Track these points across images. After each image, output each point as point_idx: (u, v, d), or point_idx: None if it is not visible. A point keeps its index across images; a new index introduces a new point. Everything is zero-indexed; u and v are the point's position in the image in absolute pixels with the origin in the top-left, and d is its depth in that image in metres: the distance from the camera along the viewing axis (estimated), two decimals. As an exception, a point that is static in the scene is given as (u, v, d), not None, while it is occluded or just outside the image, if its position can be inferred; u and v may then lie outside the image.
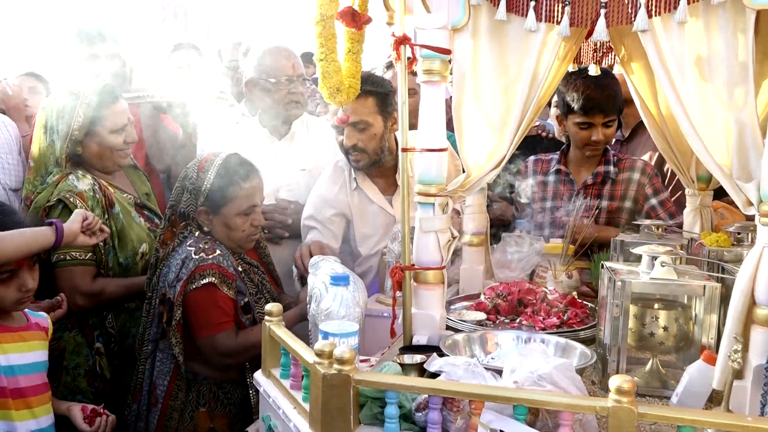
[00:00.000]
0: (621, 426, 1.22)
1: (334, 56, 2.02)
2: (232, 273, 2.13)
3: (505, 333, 1.86)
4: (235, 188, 2.18)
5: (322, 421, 1.40)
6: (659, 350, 1.73)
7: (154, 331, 2.20)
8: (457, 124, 1.83)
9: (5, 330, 1.88)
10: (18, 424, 1.84)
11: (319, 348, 1.40)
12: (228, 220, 2.18)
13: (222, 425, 2.18)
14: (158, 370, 2.19)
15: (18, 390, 1.85)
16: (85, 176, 2.35)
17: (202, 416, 2.17)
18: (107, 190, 2.39)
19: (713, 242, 1.92)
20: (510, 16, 1.72)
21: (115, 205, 2.38)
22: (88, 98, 2.38)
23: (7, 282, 1.85)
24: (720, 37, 1.58)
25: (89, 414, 2.00)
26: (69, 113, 2.36)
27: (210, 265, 2.07)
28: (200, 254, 2.08)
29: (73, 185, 2.30)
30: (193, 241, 2.15)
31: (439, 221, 1.83)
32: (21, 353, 1.89)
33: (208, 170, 2.19)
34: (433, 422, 1.36)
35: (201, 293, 2.07)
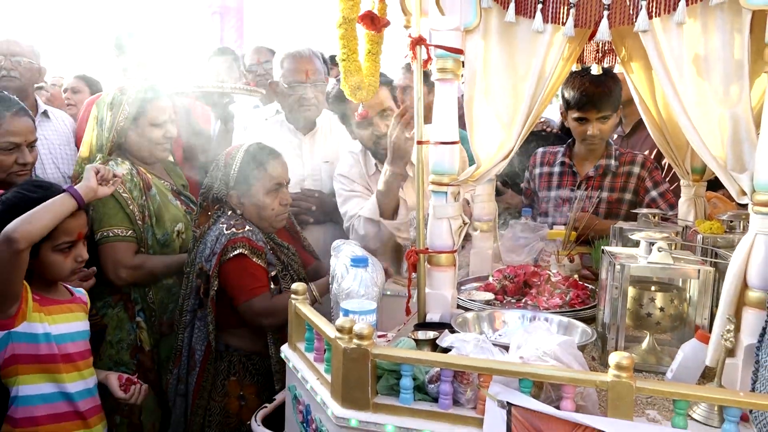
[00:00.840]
0: (620, 399, 1.20)
1: (356, 56, 2.00)
2: (261, 246, 2.12)
3: (511, 312, 1.83)
4: (260, 170, 2.18)
5: (342, 391, 1.39)
6: (655, 329, 1.70)
7: (192, 302, 2.20)
8: (469, 119, 1.80)
9: (55, 303, 1.88)
10: (69, 384, 1.85)
11: (340, 324, 1.39)
12: (257, 200, 2.17)
13: (250, 393, 2.18)
14: (196, 337, 2.18)
15: (67, 355, 1.86)
16: (124, 162, 2.36)
17: (233, 385, 2.17)
18: (145, 175, 2.39)
19: (707, 229, 1.87)
20: (518, 18, 1.68)
21: (152, 188, 2.38)
22: (134, 94, 2.39)
23: (67, 253, 1.85)
24: (717, 36, 1.53)
25: (124, 382, 2.00)
26: (117, 107, 2.37)
27: (240, 238, 2.06)
28: (231, 229, 2.08)
29: (112, 169, 2.28)
30: (225, 219, 2.15)
31: (451, 208, 1.81)
32: (69, 323, 1.90)
33: (234, 158, 2.20)
34: (445, 393, 1.35)
35: (234, 263, 2.06)
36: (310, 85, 2.85)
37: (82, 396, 1.89)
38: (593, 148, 2.77)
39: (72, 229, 1.85)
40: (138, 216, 2.30)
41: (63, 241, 1.83)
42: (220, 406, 2.15)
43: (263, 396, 2.16)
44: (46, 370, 1.82)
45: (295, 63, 2.85)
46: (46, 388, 1.82)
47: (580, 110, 2.66)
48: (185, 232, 2.45)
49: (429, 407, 1.36)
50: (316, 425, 1.50)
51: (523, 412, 1.25)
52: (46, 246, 1.81)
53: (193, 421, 2.16)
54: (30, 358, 1.80)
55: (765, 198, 1.43)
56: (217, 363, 2.18)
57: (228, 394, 2.15)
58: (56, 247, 1.83)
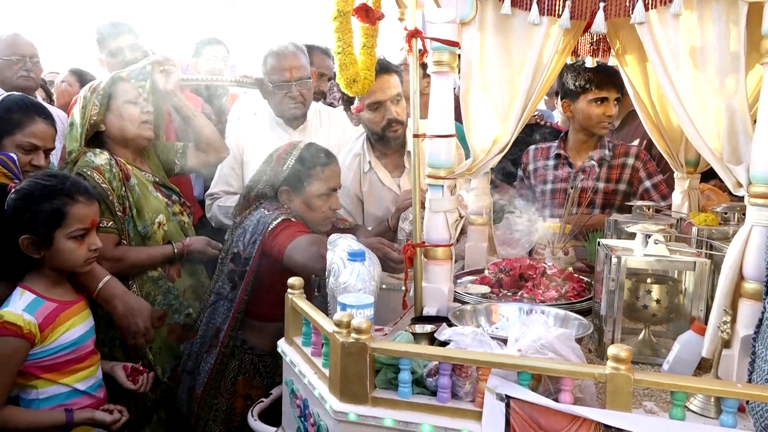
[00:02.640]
0: (618, 391, 1.20)
1: (351, 50, 1.98)
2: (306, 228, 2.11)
3: (508, 305, 1.83)
4: (318, 171, 2.17)
5: (340, 385, 1.38)
6: (651, 321, 1.70)
7: (220, 285, 2.19)
8: (465, 112, 1.79)
9: (69, 305, 1.87)
10: (79, 384, 1.85)
11: (337, 318, 1.38)
12: (309, 201, 2.16)
13: (257, 394, 2.15)
14: (222, 318, 2.17)
15: (82, 356, 1.87)
16: (102, 152, 2.31)
17: (241, 384, 2.17)
18: (124, 165, 2.34)
19: (702, 221, 1.88)
20: (514, 10, 1.67)
21: (131, 178, 2.34)
22: (101, 89, 2.36)
23: (81, 241, 1.84)
24: (713, 28, 1.53)
25: (131, 372, 1.99)
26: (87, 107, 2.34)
27: (283, 219, 2.07)
28: (274, 212, 2.08)
29: (90, 160, 2.26)
30: (267, 205, 2.15)
31: (447, 202, 1.80)
32: (83, 323, 1.89)
33: (288, 157, 2.19)
34: (443, 387, 1.34)
35: (278, 227, 2.05)
36: (295, 84, 2.79)
37: (95, 388, 1.91)
38: (604, 132, 2.78)
39: (85, 217, 1.84)
40: (118, 207, 2.25)
41: (76, 228, 1.82)
42: (227, 404, 2.15)
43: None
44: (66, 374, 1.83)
45: (279, 61, 2.79)
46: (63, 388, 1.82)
47: (601, 89, 2.67)
48: (167, 224, 2.40)
49: (427, 401, 1.35)
50: (314, 419, 1.50)
51: (521, 404, 1.25)
52: (60, 233, 1.80)
53: (199, 415, 2.16)
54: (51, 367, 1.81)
55: (761, 190, 1.44)
56: (229, 361, 2.17)
57: (235, 393, 2.15)
58: (70, 235, 1.81)
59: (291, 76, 2.78)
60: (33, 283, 1.83)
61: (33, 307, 1.78)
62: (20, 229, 1.78)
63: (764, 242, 1.42)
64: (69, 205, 1.81)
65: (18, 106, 2.13)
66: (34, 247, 1.79)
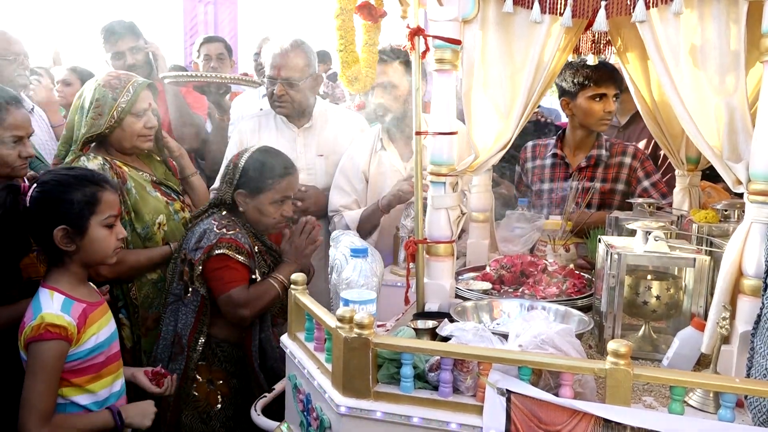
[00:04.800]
0: (618, 386, 1.21)
1: (353, 47, 1.99)
2: (248, 249, 2.15)
3: (509, 301, 1.84)
4: (273, 180, 2.20)
5: (343, 380, 1.40)
6: (651, 317, 1.71)
7: (175, 285, 2.23)
8: (467, 110, 1.80)
9: (95, 306, 1.82)
10: (103, 392, 1.81)
11: (340, 314, 1.39)
12: (261, 207, 2.20)
13: (218, 379, 2.20)
14: (182, 324, 2.20)
15: (108, 359, 1.83)
16: (96, 157, 2.30)
17: (202, 369, 2.19)
18: (119, 168, 2.33)
19: (702, 219, 1.88)
20: (516, 8, 1.68)
21: (128, 181, 2.33)
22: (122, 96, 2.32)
23: (110, 230, 1.82)
24: (713, 26, 1.54)
25: (154, 377, 1.98)
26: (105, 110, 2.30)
27: (228, 239, 2.11)
28: (222, 229, 2.13)
29: (84, 165, 2.25)
30: (218, 217, 2.19)
31: (449, 199, 1.81)
32: (108, 325, 1.85)
33: (240, 159, 2.22)
34: (445, 382, 1.35)
35: (217, 260, 2.10)
36: (282, 83, 2.78)
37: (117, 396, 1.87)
38: (603, 128, 2.79)
39: (114, 203, 1.83)
40: None
41: (109, 215, 1.80)
42: (188, 390, 2.18)
43: (231, 383, 2.20)
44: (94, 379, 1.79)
45: (273, 58, 2.80)
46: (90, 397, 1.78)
47: (600, 86, 2.68)
48: (167, 224, 2.40)
49: (429, 395, 1.36)
50: (317, 414, 1.51)
51: (522, 399, 1.26)
52: (95, 221, 1.77)
53: (167, 401, 2.17)
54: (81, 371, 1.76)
55: (760, 187, 1.45)
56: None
57: (197, 378, 2.17)
58: (103, 222, 1.78)
59: (278, 74, 2.77)
60: (59, 283, 1.76)
61: (67, 308, 1.72)
62: (51, 221, 1.72)
63: (763, 239, 1.43)
64: (100, 191, 1.78)
65: None
66: (68, 238, 1.74)
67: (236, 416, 2.21)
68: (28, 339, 1.68)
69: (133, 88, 2.33)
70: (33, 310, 1.72)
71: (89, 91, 2.35)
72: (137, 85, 2.36)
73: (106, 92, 2.31)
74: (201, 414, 2.18)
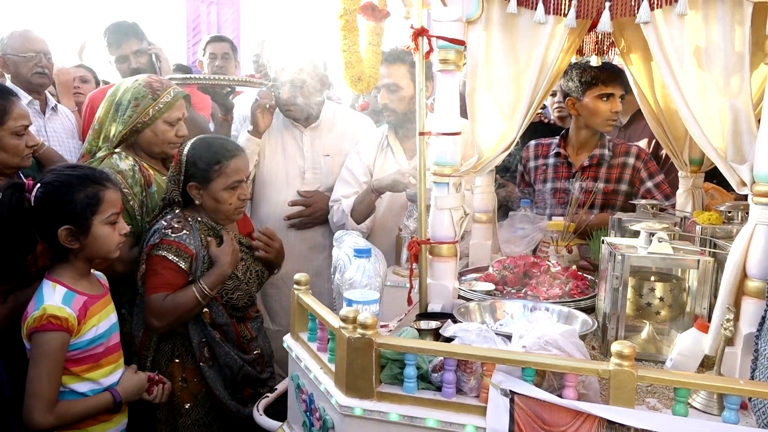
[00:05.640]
0: (621, 387, 1.21)
1: (356, 48, 1.99)
2: (192, 251, 2.10)
3: (512, 302, 1.84)
4: (221, 165, 2.15)
5: (346, 380, 1.40)
6: (655, 319, 1.71)
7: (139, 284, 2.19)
8: (471, 111, 1.80)
9: (97, 298, 1.87)
10: (103, 380, 1.86)
11: (344, 314, 1.40)
12: (216, 194, 2.16)
13: (191, 377, 2.17)
14: (135, 323, 2.20)
15: (108, 350, 1.87)
16: (127, 157, 2.35)
17: (176, 367, 2.16)
18: (147, 171, 2.38)
19: (705, 220, 1.88)
20: (520, 9, 1.68)
21: (153, 185, 2.37)
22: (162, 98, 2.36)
23: (113, 226, 1.86)
24: (717, 28, 1.53)
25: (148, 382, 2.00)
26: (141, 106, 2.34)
27: (171, 241, 2.08)
28: (168, 230, 2.10)
29: (116, 164, 2.30)
30: (171, 216, 2.16)
31: (452, 199, 1.81)
32: (108, 317, 1.90)
33: (182, 153, 2.18)
34: (448, 382, 1.35)
35: (154, 260, 2.08)
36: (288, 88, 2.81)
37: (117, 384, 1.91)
38: (610, 129, 2.79)
39: (116, 201, 1.87)
40: (137, 211, 2.30)
41: (111, 213, 1.84)
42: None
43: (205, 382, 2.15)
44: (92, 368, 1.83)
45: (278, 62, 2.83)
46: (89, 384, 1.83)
47: (607, 86, 2.67)
48: None
49: (432, 396, 1.37)
50: (320, 414, 1.51)
51: (525, 400, 1.26)
52: (98, 219, 1.81)
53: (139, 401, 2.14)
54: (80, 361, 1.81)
55: (764, 189, 1.44)
56: (162, 344, 2.18)
57: (171, 376, 2.14)
58: (106, 220, 1.82)
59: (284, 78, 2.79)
60: (62, 276, 1.82)
61: (68, 300, 1.78)
62: (55, 221, 1.77)
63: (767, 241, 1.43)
64: (102, 190, 1.82)
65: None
66: (72, 237, 1.79)
67: (212, 414, 2.18)
68: (31, 329, 1.73)
69: (172, 93, 2.40)
70: (36, 301, 1.77)
71: (127, 90, 2.39)
72: (177, 92, 2.42)
73: (146, 92, 2.36)
74: (171, 410, 2.17)
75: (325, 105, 2.98)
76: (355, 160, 2.85)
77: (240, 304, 2.20)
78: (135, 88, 2.37)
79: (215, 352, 2.13)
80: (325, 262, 2.90)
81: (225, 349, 2.12)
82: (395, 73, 2.66)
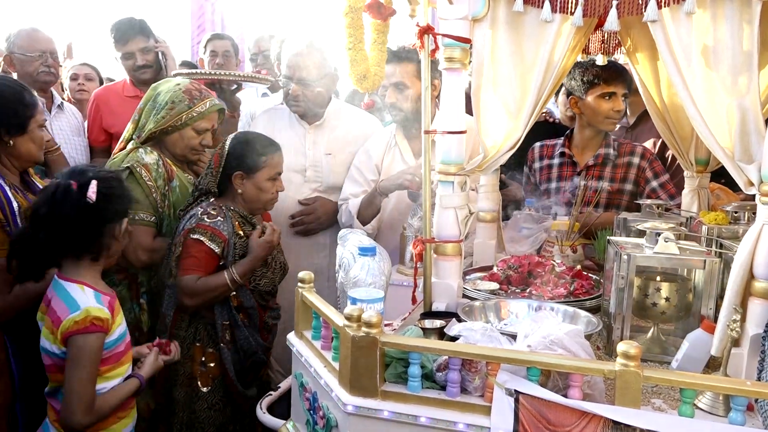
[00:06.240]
0: (627, 388, 1.21)
1: (362, 46, 1.98)
2: (225, 236, 2.19)
3: (517, 301, 1.83)
4: (266, 156, 2.27)
5: (350, 378, 1.39)
6: (660, 319, 1.70)
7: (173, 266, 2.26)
8: (476, 109, 1.79)
9: (115, 298, 1.88)
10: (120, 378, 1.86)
11: (348, 312, 1.39)
12: (260, 184, 2.27)
13: (210, 361, 2.22)
14: (167, 303, 2.26)
15: (127, 348, 1.88)
16: (152, 152, 2.41)
17: (197, 350, 2.22)
18: (170, 166, 2.44)
19: (712, 220, 1.87)
20: (527, 7, 1.68)
21: (174, 179, 2.44)
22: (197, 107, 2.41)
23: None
24: (726, 27, 1.52)
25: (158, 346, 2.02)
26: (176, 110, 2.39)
27: (206, 226, 2.17)
28: (204, 216, 2.19)
29: (141, 157, 2.37)
30: (206, 204, 2.25)
31: (458, 198, 1.80)
32: (122, 314, 1.90)
33: (224, 147, 2.27)
34: (453, 381, 1.35)
35: (190, 243, 2.17)
36: (297, 82, 2.79)
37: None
38: (612, 127, 2.79)
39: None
40: (160, 204, 2.37)
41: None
42: (184, 369, 2.21)
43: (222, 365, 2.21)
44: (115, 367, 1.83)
45: (287, 57, 2.82)
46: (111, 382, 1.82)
47: (609, 84, 2.67)
48: None
49: (437, 395, 1.36)
50: (324, 412, 1.51)
51: (530, 400, 1.25)
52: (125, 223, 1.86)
53: (157, 380, 2.21)
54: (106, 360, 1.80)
55: (773, 189, 1.43)
56: (188, 329, 2.24)
57: (192, 359, 2.21)
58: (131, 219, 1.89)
59: (293, 74, 2.79)
60: (83, 277, 1.80)
61: (100, 301, 1.78)
62: (114, 216, 1.81)
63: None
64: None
65: (22, 87, 2.12)
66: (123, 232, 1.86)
67: (225, 400, 2.23)
68: (71, 332, 1.71)
69: (208, 105, 2.45)
70: (67, 303, 1.75)
71: (167, 91, 2.43)
72: (212, 104, 2.48)
73: (184, 98, 2.41)
74: (190, 393, 2.22)
75: (331, 103, 2.96)
76: (363, 158, 2.84)
77: (266, 290, 2.28)
78: (174, 92, 2.42)
79: (235, 334, 2.20)
80: (326, 260, 2.90)
81: (245, 333, 2.21)
82: (403, 71, 2.65)
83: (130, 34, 3.24)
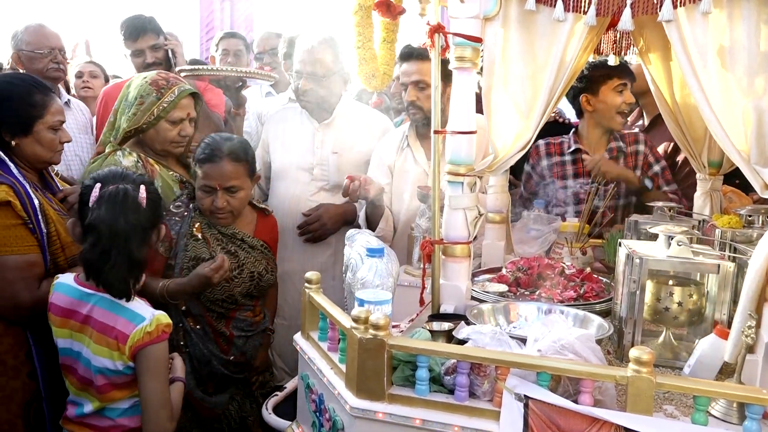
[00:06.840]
0: (639, 394, 1.19)
1: (371, 44, 1.97)
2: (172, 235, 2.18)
3: (527, 304, 1.80)
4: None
5: (357, 381, 1.37)
6: (673, 324, 1.67)
7: None
8: (486, 109, 1.77)
9: None
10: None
11: (355, 314, 1.37)
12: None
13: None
14: None
15: None
16: (131, 153, 2.35)
17: None
18: (151, 166, 2.38)
19: (725, 224, 1.84)
20: (539, 6, 1.65)
21: (156, 180, 2.35)
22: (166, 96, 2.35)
23: None
24: (742, 27, 1.49)
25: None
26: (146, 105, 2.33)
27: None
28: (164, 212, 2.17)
29: (119, 161, 2.31)
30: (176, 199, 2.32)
31: (467, 199, 1.78)
32: None
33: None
34: (461, 385, 1.33)
35: None
36: (306, 77, 2.77)
37: None
38: (624, 120, 2.83)
39: None
40: None
41: None
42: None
43: None
44: None
45: (300, 53, 2.79)
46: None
47: (621, 77, 2.72)
48: None
49: (445, 399, 1.34)
50: (330, 415, 1.49)
51: (540, 405, 1.23)
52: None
53: None
54: None
55: (789, 192, 1.40)
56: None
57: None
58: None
59: (304, 68, 2.77)
60: None
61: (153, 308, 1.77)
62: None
63: (791, 246, 1.39)
64: None
65: (34, 86, 2.07)
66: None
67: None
68: (144, 343, 1.67)
69: (177, 92, 2.37)
70: (126, 316, 1.70)
71: (136, 86, 2.39)
72: (181, 90, 2.39)
73: (151, 90, 2.35)
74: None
75: (341, 102, 2.94)
76: (376, 161, 2.81)
77: (220, 297, 2.20)
78: (141, 86, 2.37)
79: (186, 340, 2.19)
80: (330, 260, 2.88)
81: (194, 339, 2.18)
82: (424, 69, 2.58)
83: (140, 31, 3.23)
